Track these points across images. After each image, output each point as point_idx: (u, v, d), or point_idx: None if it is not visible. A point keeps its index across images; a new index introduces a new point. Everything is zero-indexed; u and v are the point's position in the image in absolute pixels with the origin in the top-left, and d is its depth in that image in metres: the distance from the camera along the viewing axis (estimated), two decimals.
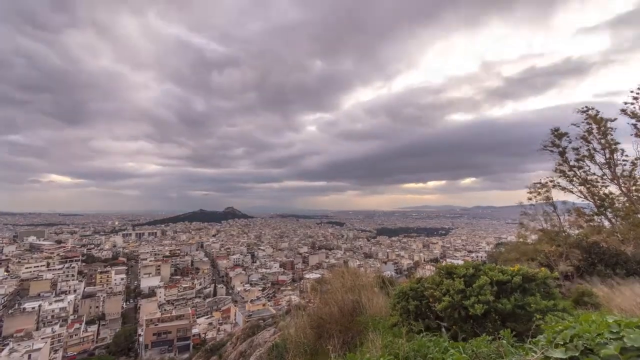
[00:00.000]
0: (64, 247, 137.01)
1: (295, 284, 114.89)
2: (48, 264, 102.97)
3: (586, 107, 14.17)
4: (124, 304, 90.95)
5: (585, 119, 14.05)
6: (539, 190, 14.83)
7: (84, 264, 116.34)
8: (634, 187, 13.14)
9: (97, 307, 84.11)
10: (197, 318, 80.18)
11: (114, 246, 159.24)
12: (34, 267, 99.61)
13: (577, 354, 1.78)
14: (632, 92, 13.10)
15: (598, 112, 13.78)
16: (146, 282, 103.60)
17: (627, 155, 13.30)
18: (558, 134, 14.82)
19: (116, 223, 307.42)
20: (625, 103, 13.14)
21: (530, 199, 14.93)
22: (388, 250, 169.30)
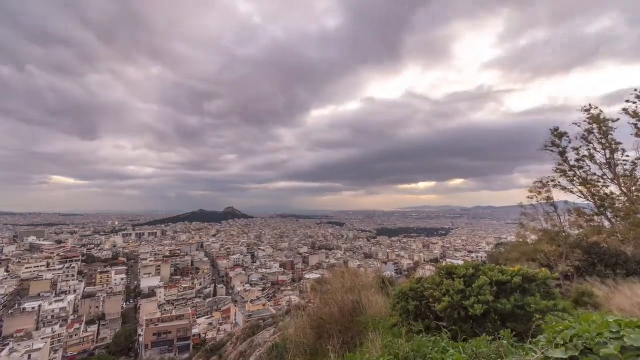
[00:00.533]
0: (64, 247, 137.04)
1: (296, 284, 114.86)
2: (48, 264, 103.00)
3: (589, 105, 14.05)
4: (124, 304, 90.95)
5: (587, 119, 13.95)
6: (540, 190, 14.77)
7: (84, 264, 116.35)
8: (634, 188, 13.11)
9: (97, 307, 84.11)
10: (197, 318, 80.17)
11: (114, 246, 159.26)
12: (34, 267, 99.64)
13: (577, 354, 1.77)
14: (635, 90, 12.95)
15: (601, 111, 13.70)
16: (146, 282, 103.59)
17: (627, 155, 13.25)
18: (558, 133, 14.77)
19: (116, 223, 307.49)
20: (627, 101, 13.04)
21: (530, 198, 14.86)
22: (388, 251, 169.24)
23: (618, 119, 13.28)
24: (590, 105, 14.04)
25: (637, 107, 12.89)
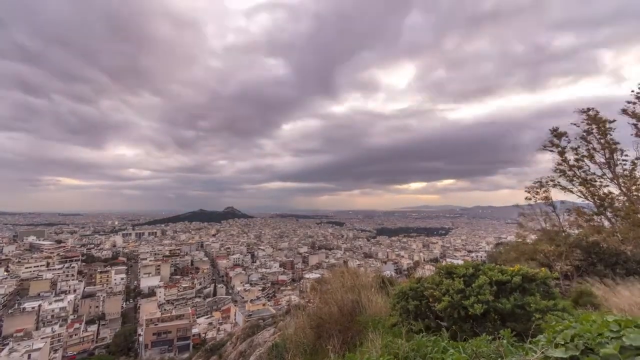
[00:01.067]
0: (64, 246, 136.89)
1: (295, 284, 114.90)
2: (48, 264, 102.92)
3: (587, 107, 14.11)
4: (124, 303, 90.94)
5: (585, 119, 13.99)
6: (537, 190, 14.78)
7: (83, 263, 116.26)
8: (634, 187, 13.11)
9: (97, 306, 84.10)
10: (197, 318, 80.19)
11: (114, 246, 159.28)
12: (34, 266, 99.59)
13: (577, 354, 1.77)
14: (632, 92, 12.99)
15: (597, 112, 13.74)
16: (146, 282, 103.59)
17: (626, 155, 13.26)
18: (557, 133, 14.78)
19: (116, 223, 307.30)
20: (628, 102, 13.05)
21: (528, 198, 14.88)
22: (388, 250, 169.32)
23: (614, 120, 13.34)
24: (587, 107, 14.12)
25: (635, 107, 12.92)
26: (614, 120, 13.31)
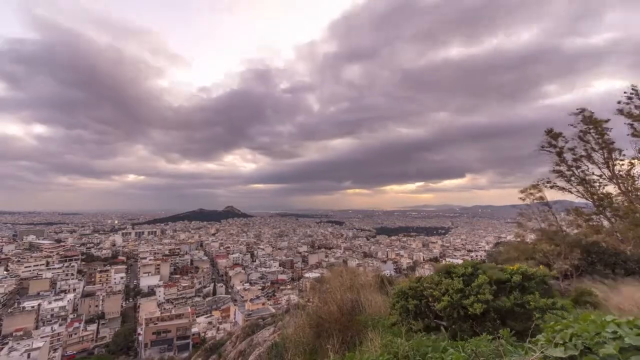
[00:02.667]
0: (64, 246, 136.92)
1: (295, 283, 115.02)
2: (47, 263, 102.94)
3: (582, 108, 14.21)
4: (124, 302, 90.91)
5: (581, 120, 14.08)
6: (531, 191, 14.86)
7: (83, 263, 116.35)
8: (632, 187, 13.16)
9: (96, 306, 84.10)
10: (197, 317, 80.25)
11: (114, 245, 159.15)
12: (34, 266, 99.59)
13: (576, 354, 1.77)
14: (625, 93, 13.15)
15: (592, 113, 13.88)
16: (146, 281, 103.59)
17: (624, 155, 13.34)
18: (553, 134, 14.83)
19: (116, 222, 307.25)
20: (619, 102, 13.19)
21: (523, 199, 14.96)
22: (387, 250, 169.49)
23: (609, 119, 13.47)
24: (582, 108, 14.22)
25: (630, 108, 13.03)
26: (608, 120, 13.44)
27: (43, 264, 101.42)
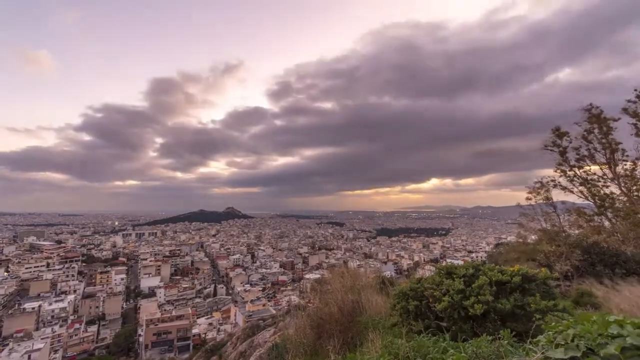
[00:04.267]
0: (64, 247, 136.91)
1: (295, 284, 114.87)
2: (48, 264, 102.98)
3: (590, 105, 14.01)
4: (124, 304, 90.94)
5: (587, 118, 13.94)
6: (539, 190, 14.77)
7: (84, 264, 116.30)
8: (634, 187, 13.10)
9: (97, 307, 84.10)
10: (197, 318, 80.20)
11: (114, 246, 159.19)
12: (34, 267, 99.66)
13: (579, 355, 1.77)
14: (635, 90, 12.95)
15: (602, 111, 13.67)
16: (146, 282, 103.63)
17: (627, 155, 13.26)
18: (559, 133, 14.76)
19: (116, 223, 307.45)
20: (628, 101, 13.03)
21: (529, 199, 14.86)
22: (388, 251, 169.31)
23: (619, 118, 13.26)
24: (591, 104, 14.02)
25: (636, 107, 12.90)
26: (619, 119, 13.24)
27: (43, 265, 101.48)
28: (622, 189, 13.29)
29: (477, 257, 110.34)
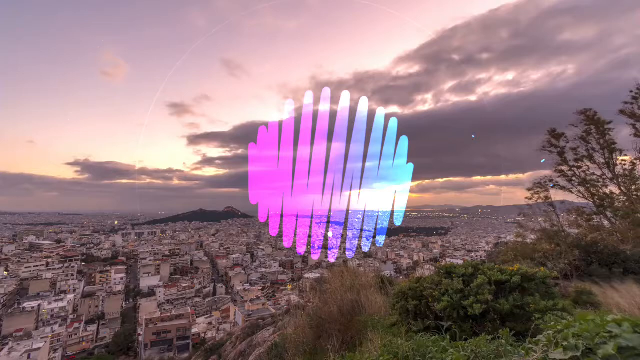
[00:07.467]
0: (64, 246, 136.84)
1: (295, 284, 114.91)
2: (48, 264, 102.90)
3: (584, 108, 14.20)
4: (124, 303, 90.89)
5: (583, 120, 14.06)
6: (538, 190, 14.81)
7: (83, 263, 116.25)
8: (633, 187, 13.14)
9: (96, 306, 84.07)
10: (197, 317, 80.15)
11: (114, 245, 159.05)
12: (34, 266, 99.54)
13: (578, 354, 1.77)
14: (631, 92, 13.08)
15: (596, 113, 13.81)
16: (146, 282, 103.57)
17: (626, 155, 13.33)
18: (555, 134, 14.83)
19: (116, 222, 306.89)
20: (625, 103, 13.14)
21: (529, 198, 14.91)
22: (387, 250, 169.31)
23: (611, 121, 13.46)
24: (585, 108, 14.21)
25: (634, 108, 12.99)
26: (611, 122, 13.43)
27: (43, 265, 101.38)
28: (622, 188, 13.33)
29: (476, 256, 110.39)
